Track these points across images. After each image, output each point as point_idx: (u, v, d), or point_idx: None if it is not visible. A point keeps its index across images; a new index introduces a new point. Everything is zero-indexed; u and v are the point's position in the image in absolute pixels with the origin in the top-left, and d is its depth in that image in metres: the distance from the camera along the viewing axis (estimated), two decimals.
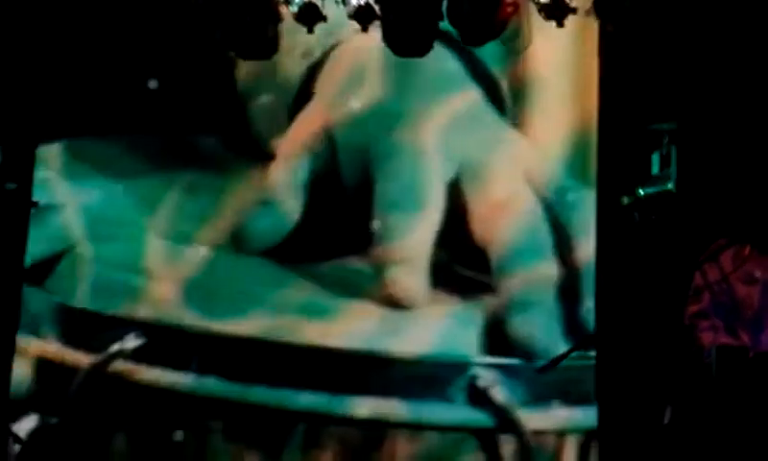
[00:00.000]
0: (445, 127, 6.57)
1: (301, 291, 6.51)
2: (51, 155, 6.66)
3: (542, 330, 6.26)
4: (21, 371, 6.46)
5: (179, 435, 6.39)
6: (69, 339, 6.52)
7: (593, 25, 6.10)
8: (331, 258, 6.56)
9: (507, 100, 6.57)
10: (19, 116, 6.49)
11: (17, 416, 6.42)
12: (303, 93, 6.69)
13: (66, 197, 6.67)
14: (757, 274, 4.54)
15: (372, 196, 6.56)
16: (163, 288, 6.55)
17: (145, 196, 6.64)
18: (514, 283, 6.36)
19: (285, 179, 6.64)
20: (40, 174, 6.58)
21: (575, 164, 6.44)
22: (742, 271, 4.54)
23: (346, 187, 6.63)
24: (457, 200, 6.51)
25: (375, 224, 6.53)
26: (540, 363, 5.77)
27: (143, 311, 6.51)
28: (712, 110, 5.87)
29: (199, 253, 6.59)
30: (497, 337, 6.33)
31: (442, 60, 6.42)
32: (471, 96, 6.60)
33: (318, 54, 6.65)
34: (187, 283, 6.54)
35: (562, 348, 5.71)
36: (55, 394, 6.47)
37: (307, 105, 6.68)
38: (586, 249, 6.31)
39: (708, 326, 4.53)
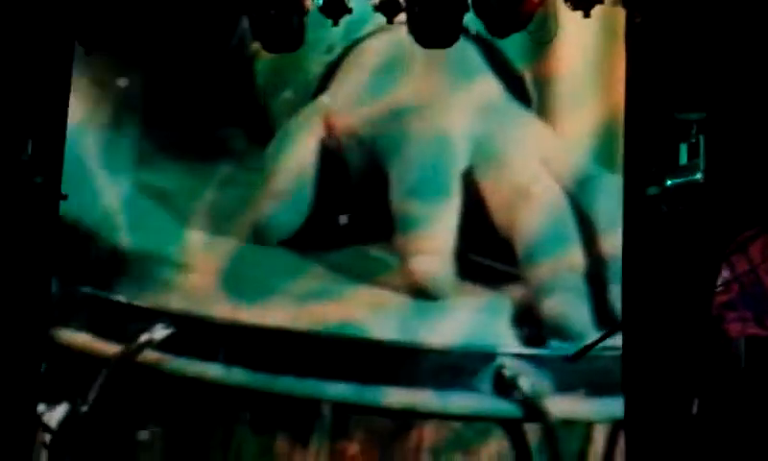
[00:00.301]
0: (467, 117, 6.55)
1: (326, 281, 6.51)
2: (85, 147, 6.71)
3: (573, 316, 6.24)
4: (51, 361, 6.52)
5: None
6: (99, 329, 6.58)
7: (620, 15, 6.08)
8: (354, 245, 6.57)
9: (531, 90, 6.55)
10: (48, 110, 6.54)
11: (48, 405, 6.48)
12: (321, 87, 6.69)
13: (101, 189, 6.71)
14: None
15: (391, 185, 6.54)
16: (195, 279, 6.59)
17: (178, 188, 6.68)
18: (541, 271, 6.33)
19: (303, 170, 6.64)
20: (76, 166, 6.63)
21: (602, 154, 6.39)
22: None
23: (366, 177, 6.62)
24: (479, 189, 6.50)
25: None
26: (570, 352, 5.75)
27: (173, 302, 6.55)
28: (741, 100, 5.83)
29: (229, 244, 6.62)
30: (528, 326, 6.32)
31: (463, 50, 6.39)
32: (493, 86, 6.57)
33: (338, 49, 6.64)
34: (218, 275, 6.57)
35: (593, 334, 5.70)
36: (85, 383, 6.52)
37: (324, 97, 6.68)
38: (613, 239, 6.28)
39: (736, 316, 4.52)
